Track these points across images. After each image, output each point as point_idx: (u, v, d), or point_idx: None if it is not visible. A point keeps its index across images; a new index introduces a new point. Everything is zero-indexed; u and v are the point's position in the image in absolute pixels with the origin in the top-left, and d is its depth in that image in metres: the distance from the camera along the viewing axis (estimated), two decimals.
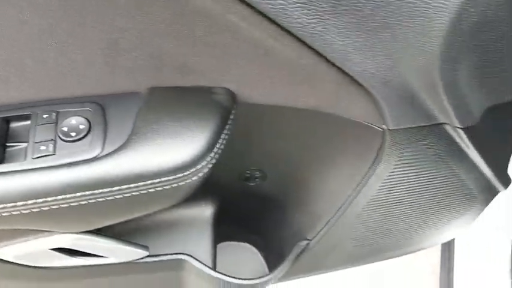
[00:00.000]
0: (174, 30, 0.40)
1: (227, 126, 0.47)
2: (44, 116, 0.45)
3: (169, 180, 0.44)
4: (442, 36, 0.38)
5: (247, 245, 0.76)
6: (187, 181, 0.45)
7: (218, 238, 0.74)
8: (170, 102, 0.46)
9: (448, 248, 0.96)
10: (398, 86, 0.44)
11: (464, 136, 0.53)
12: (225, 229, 0.73)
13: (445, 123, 0.50)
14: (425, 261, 1.02)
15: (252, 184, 0.65)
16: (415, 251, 0.83)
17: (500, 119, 0.57)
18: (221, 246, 0.75)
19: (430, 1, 0.36)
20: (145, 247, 0.58)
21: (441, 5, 0.36)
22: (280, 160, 0.61)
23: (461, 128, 0.51)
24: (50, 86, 0.45)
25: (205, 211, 0.66)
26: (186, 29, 0.40)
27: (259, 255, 0.76)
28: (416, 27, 0.38)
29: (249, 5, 0.35)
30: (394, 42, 0.40)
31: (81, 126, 0.44)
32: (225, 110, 0.47)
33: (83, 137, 0.44)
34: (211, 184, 0.64)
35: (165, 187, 0.45)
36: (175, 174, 0.44)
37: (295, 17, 0.36)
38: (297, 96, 0.49)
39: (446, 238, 0.82)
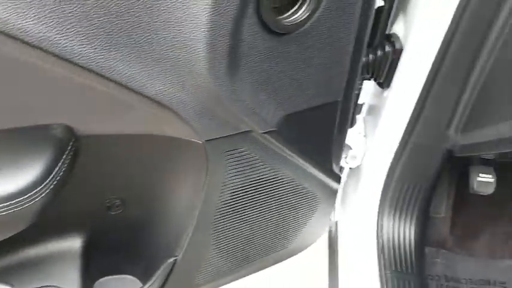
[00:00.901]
0: None
1: (63, 157, 0.55)
2: None
3: (5, 206, 0.50)
4: (203, 60, 0.50)
5: (128, 276, 0.81)
6: (26, 206, 0.52)
7: (98, 273, 0.79)
8: (9, 142, 0.54)
9: (332, 244, 1.09)
10: (194, 104, 0.55)
11: (272, 140, 0.65)
12: (104, 263, 0.78)
13: (250, 131, 0.62)
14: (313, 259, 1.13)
15: (115, 213, 0.72)
16: (287, 257, 0.92)
17: (309, 124, 0.70)
18: (102, 282, 0.78)
19: (186, 35, 0.49)
20: (10, 284, 0.62)
21: (193, 37, 0.49)
22: (133, 185, 0.69)
23: (265, 133, 0.63)
24: None
25: (74, 243, 0.71)
26: (4, 74, 0.49)
27: (141, 284, 0.80)
28: (185, 55, 0.50)
29: (41, 49, 0.45)
30: (175, 69, 0.51)
31: None
32: (61, 143, 0.55)
33: None
34: (75, 216, 0.70)
35: (5, 213, 0.51)
36: (11, 201, 0.50)
37: (86, 54, 0.47)
38: (125, 124, 0.58)
39: (312, 239, 0.92)
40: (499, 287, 1.17)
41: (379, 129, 0.96)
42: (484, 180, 0.97)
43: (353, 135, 1.05)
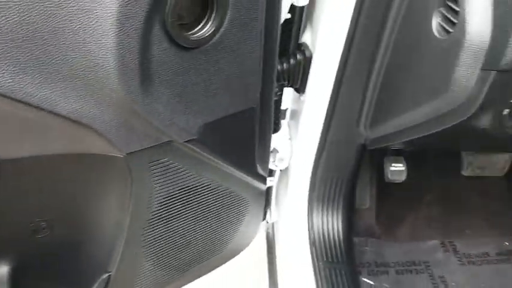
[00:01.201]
0: None
1: None
2: None
3: None
4: (115, 78, 0.53)
5: None
6: None
7: None
8: None
9: (270, 244, 1.15)
10: (110, 119, 0.57)
11: (194, 148, 0.69)
12: None
13: (171, 141, 0.66)
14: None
15: (42, 236, 0.71)
16: (226, 260, 0.95)
17: (229, 130, 0.75)
18: None
19: (95, 54, 0.51)
20: None
21: (102, 56, 0.51)
22: (58, 206, 0.69)
23: (186, 142, 0.67)
24: None
25: (0, 271, 0.70)
26: None
27: None
28: (96, 74, 0.53)
29: None
30: (88, 87, 0.53)
31: None
32: None
33: None
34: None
35: None
36: None
37: None
38: (43, 145, 0.59)
39: (247, 240, 0.97)
40: (423, 266, 1.29)
41: (300, 131, 1.04)
42: (396, 169, 1.08)
43: (279, 139, 1.12)
